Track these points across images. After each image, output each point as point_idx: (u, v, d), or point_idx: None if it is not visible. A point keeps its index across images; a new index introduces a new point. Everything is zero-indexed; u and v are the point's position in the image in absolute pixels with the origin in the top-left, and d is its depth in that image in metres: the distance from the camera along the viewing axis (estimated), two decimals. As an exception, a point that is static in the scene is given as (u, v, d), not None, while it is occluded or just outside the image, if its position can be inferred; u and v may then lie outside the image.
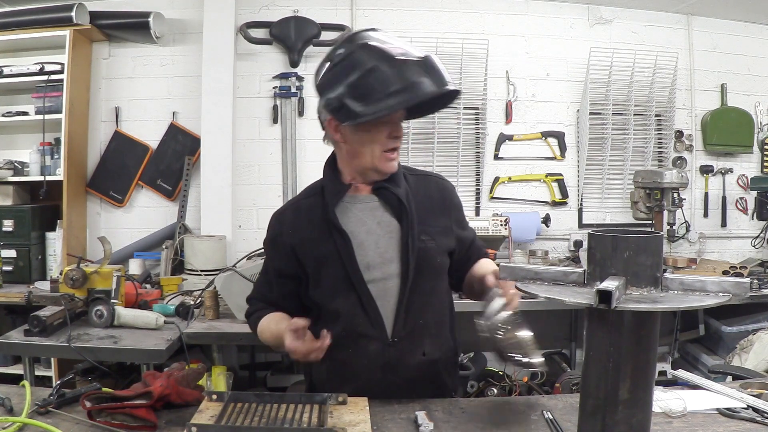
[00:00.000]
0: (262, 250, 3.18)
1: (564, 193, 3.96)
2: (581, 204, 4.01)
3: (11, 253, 3.37)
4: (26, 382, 1.50)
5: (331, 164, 1.62)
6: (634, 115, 3.95)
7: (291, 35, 3.69)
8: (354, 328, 1.52)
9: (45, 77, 3.41)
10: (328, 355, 1.47)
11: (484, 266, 1.67)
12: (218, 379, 2.65)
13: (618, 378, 1.02)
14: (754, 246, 3.97)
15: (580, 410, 1.11)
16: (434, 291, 1.60)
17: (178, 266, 3.42)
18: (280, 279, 1.63)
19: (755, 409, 1.40)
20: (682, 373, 1.66)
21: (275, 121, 3.78)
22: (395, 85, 1.38)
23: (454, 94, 1.49)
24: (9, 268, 3.36)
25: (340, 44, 1.47)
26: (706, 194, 4.08)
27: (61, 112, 3.40)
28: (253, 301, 1.72)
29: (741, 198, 4.12)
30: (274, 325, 1.59)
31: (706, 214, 4.09)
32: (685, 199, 3.72)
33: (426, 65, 1.40)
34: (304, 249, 1.57)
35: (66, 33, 3.38)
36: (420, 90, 1.39)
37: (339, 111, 1.44)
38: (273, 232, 1.64)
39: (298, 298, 1.63)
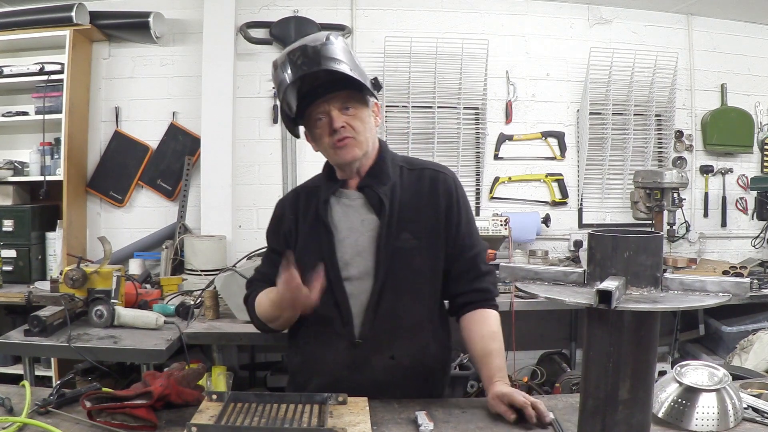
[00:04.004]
0: (263, 250, 3.21)
1: (564, 193, 3.96)
2: (581, 204, 4.01)
3: (11, 253, 3.37)
4: (26, 382, 1.50)
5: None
6: (634, 115, 3.95)
7: (291, 35, 3.68)
8: (325, 323, 1.53)
9: (45, 77, 3.41)
10: (301, 348, 1.55)
11: (492, 358, 1.50)
12: (218, 379, 2.65)
13: (618, 378, 1.02)
14: (754, 246, 3.97)
15: (580, 410, 1.11)
16: (412, 292, 1.54)
17: (178, 266, 3.42)
18: (281, 260, 1.62)
19: (755, 409, 1.40)
20: (682, 373, 1.65)
21: (275, 121, 3.78)
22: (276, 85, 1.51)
23: (332, 74, 1.44)
24: (9, 268, 3.35)
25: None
26: (706, 194, 4.09)
27: (61, 112, 3.40)
28: (254, 282, 1.69)
29: (741, 198, 4.12)
30: (272, 293, 1.55)
31: (706, 214, 4.09)
32: (685, 199, 3.72)
33: (291, 55, 1.45)
34: (293, 236, 1.60)
35: (66, 33, 3.38)
36: (283, 83, 1.46)
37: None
38: (275, 215, 1.69)
39: None
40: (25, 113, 3.51)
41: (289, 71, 1.44)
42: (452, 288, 1.61)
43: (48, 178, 3.44)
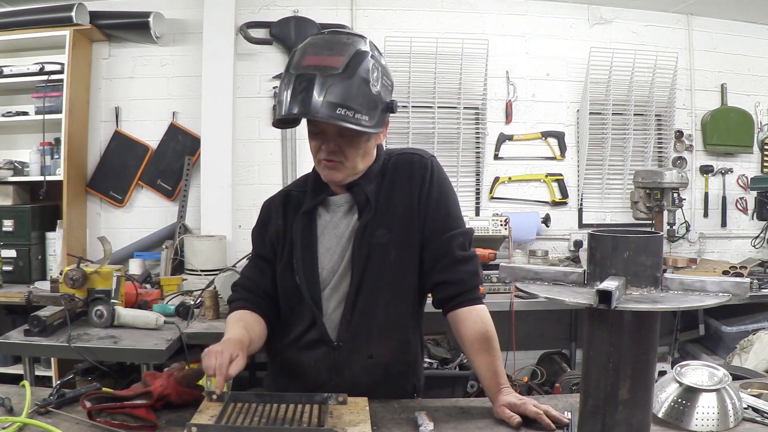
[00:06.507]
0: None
1: (564, 193, 3.96)
2: (581, 204, 4.01)
3: (11, 253, 3.37)
4: (26, 382, 1.50)
5: None
6: (634, 115, 3.95)
7: (291, 35, 3.69)
8: (303, 332, 1.51)
9: (45, 77, 3.41)
10: (279, 354, 1.54)
11: (491, 366, 1.42)
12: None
13: (618, 378, 1.02)
14: (754, 246, 3.98)
15: (580, 410, 1.11)
16: (389, 289, 1.49)
17: (178, 266, 3.42)
18: (267, 265, 1.60)
19: (755, 409, 1.40)
20: (682, 373, 1.65)
21: (275, 121, 3.77)
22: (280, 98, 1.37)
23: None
24: (9, 268, 3.36)
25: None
26: (706, 194, 4.09)
27: (61, 112, 3.40)
28: (238, 288, 1.63)
29: (741, 198, 4.12)
30: (230, 326, 1.49)
31: (706, 214, 4.09)
32: (685, 199, 3.72)
33: (291, 83, 1.32)
34: (280, 243, 1.56)
35: (66, 33, 3.38)
36: (280, 110, 1.35)
37: None
38: (261, 219, 1.63)
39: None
40: (25, 113, 3.51)
41: (288, 96, 1.32)
42: (426, 279, 1.51)
43: (48, 178, 3.44)
